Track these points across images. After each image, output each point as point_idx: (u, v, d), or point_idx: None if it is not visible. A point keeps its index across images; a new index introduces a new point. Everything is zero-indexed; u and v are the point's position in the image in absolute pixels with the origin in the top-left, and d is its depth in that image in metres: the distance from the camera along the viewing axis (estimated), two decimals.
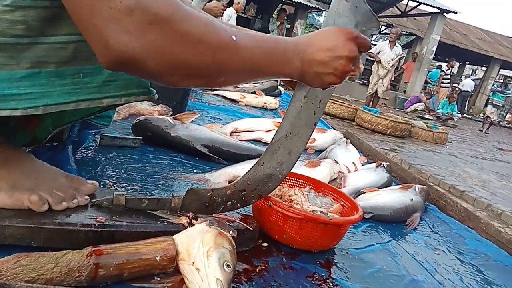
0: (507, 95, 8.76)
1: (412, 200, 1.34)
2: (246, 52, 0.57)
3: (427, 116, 8.79)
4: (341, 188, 1.35)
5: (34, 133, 0.77)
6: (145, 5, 0.45)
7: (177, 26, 0.48)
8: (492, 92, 9.45)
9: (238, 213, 0.89)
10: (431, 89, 10.36)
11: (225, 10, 2.95)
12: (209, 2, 3.03)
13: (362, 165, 1.70)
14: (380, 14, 10.60)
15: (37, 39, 0.52)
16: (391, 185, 1.53)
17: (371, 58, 6.95)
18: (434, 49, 10.39)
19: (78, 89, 0.56)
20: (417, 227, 1.27)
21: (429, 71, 10.76)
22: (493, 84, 12.16)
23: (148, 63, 0.47)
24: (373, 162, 1.68)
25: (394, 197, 1.33)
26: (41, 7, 0.51)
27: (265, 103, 2.73)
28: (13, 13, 0.50)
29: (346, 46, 0.63)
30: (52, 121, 0.80)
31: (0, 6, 0.50)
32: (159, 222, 0.73)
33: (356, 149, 1.92)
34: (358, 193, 1.36)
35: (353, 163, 1.66)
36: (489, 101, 9.55)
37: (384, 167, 1.56)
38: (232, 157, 1.38)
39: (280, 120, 0.90)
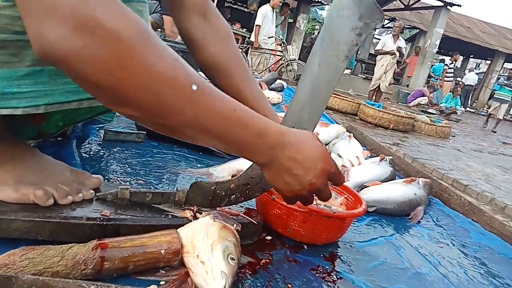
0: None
1: (415, 193, 1.34)
2: (203, 109, 0.49)
3: (430, 110, 8.75)
4: (345, 182, 1.35)
5: (41, 127, 0.77)
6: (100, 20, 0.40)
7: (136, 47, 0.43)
8: (499, 86, 8.77)
9: (242, 206, 0.90)
10: (435, 83, 10.30)
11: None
12: None
13: (366, 159, 1.70)
14: (383, 8, 10.52)
15: None
16: (395, 179, 1.53)
17: (382, 54, 6.89)
18: (438, 42, 10.32)
19: (80, 88, 0.56)
20: (420, 220, 1.27)
21: (432, 65, 10.69)
22: (499, 78, 11.82)
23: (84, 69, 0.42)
24: (376, 156, 1.68)
25: (398, 191, 1.33)
26: None
27: (268, 97, 2.72)
28: (13, 8, 0.49)
29: (319, 175, 0.61)
30: (62, 117, 0.80)
31: (0, 1, 0.49)
32: (163, 216, 0.73)
33: (359, 143, 1.92)
34: (362, 186, 1.36)
35: (357, 157, 1.66)
36: (495, 95, 8.99)
37: (387, 161, 1.56)
38: None
39: (283, 114, 0.90)
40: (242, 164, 1.21)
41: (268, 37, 6.31)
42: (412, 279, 0.88)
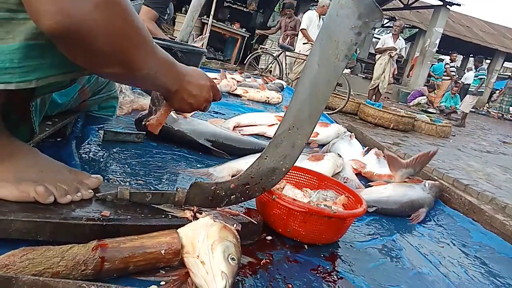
0: (508, 85, 8.29)
1: (418, 195, 1.33)
2: (157, 57, 0.68)
3: (430, 110, 8.74)
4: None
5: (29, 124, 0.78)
6: None
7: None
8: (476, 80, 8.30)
9: (242, 206, 0.90)
10: (435, 82, 10.30)
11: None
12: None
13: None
14: (383, 7, 10.52)
15: None
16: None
17: (382, 52, 6.86)
18: (438, 42, 10.32)
19: (67, 60, 0.58)
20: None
21: (432, 64, 10.68)
22: (498, 77, 11.70)
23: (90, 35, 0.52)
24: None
25: (400, 192, 1.33)
26: None
27: (268, 97, 2.72)
28: None
29: (209, 91, 0.84)
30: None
31: None
32: (163, 216, 0.73)
33: (360, 142, 1.91)
34: (366, 185, 1.35)
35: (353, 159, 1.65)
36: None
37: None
38: (236, 151, 1.38)
39: (282, 114, 0.90)
40: (241, 164, 1.21)
41: (303, 43, 6.06)
42: (412, 279, 0.88)
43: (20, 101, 0.72)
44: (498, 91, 13.47)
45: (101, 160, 1.06)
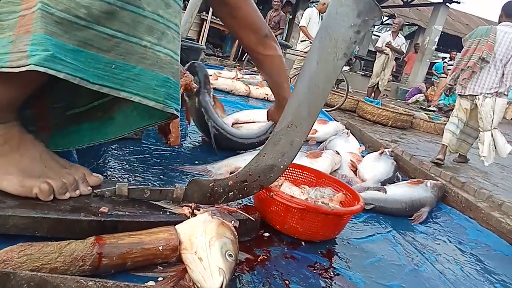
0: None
1: (419, 194, 1.33)
2: None
3: (431, 108, 8.74)
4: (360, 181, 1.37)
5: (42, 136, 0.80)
6: None
7: None
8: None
9: (240, 203, 0.90)
10: (436, 80, 10.29)
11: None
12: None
13: (363, 156, 1.70)
14: (382, 4, 10.49)
15: (91, 24, 0.59)
16: (397, 171, 1.55)
17: (380, 52, 6.85)
18: (437, 39, 10.31)
19: (106, 76, 0.62)
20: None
21: (434, 63, 10.66)
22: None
23: None
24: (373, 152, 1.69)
25: (399, 191, 1.32)
26: (106, 2, 0.59)
27: (267, 94, 2.72)
28: None
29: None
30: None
31: None
32: (161, 212, 0.74)
33: (357, 140, 1.92)
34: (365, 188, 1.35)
35: (351, 152, 1.66)
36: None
37: (387, 154, 1.56)
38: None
39: None
40: (240, 161, 1.21)
41: (301, 40, 5.98)
42: (409, 275, 0.88)
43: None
44: None
45: (100, 156, 1.06)
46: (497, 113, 3.25)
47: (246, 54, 6.33)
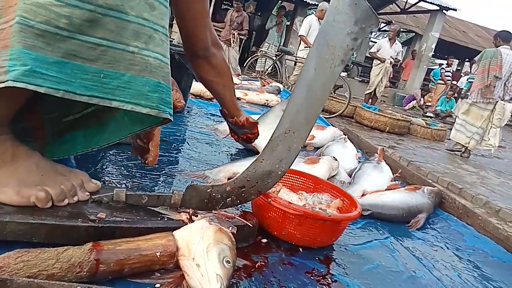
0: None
1: (417, 201, 1.33)
2: None
3: (428, 114, 8.77)
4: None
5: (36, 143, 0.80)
6: None
7: None
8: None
9: (238, 209, 0.90)
10: (433, 87, 10.35)
11: None
12: None
13: (359, 162, 1.70)
14: (379, 11, 10.57)
15: (74, 34, 0.57)
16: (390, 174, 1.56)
17: (375, 58, 6.88)
18: (434, 46, 10.37)
19: (95, 86, 0.60)
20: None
21: (432, 69, 10.72)
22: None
23: None
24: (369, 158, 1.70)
25: (397, 197, 1.32)
26: (87, 9, 0.57)
27: (267, 100, 2.75)
28: (62, 8, 0.56)
29: None
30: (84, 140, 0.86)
31: (54, 0, 0.56)
32: (159, 218, 0.73)
33: (354, 145, 1.92)
34: (363, 193, 1.35)
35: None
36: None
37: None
38: None
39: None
40: (238, 167, 1.21)
41: (304, 47, 6.02)
42: (406, 282, 0.88)
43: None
44: None
45: (97, 162, 1.06)
46: (507, 115, 4.37)
47: (247, 60, 6.35)
